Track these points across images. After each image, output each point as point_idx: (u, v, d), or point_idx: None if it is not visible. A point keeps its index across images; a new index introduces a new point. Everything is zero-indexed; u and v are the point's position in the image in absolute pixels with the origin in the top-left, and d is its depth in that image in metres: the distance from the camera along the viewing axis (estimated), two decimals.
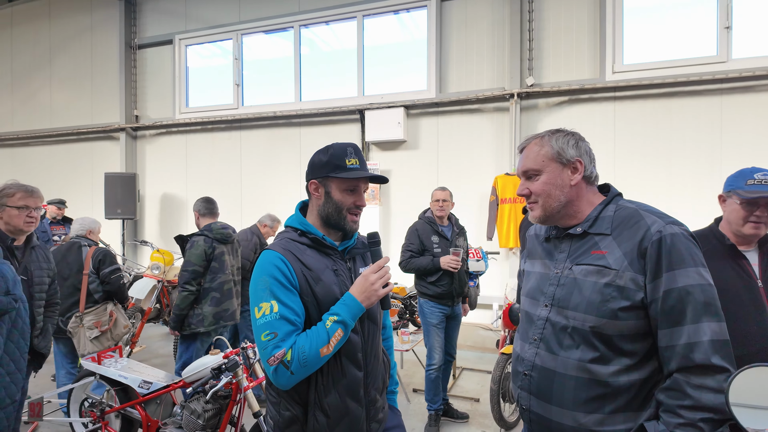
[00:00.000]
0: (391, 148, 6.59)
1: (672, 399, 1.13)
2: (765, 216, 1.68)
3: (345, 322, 1.29)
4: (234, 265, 3.71)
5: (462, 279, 3.52)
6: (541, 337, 1.34)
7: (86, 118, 8.39)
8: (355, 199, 1.41)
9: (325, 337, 1.27)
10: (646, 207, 1.30)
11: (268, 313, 1.27)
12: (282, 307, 1.28)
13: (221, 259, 3.52)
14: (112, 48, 8.12)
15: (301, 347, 1.25)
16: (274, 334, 1.26)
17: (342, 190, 1.40)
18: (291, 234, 1.43)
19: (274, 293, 1.29)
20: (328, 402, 1.32)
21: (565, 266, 1.33)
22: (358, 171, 1.39)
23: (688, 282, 1.15)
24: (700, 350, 1.11)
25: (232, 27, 7.41)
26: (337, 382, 1.34)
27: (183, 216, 7.74)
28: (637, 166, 5.44)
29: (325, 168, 1.39)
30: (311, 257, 1.38)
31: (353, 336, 1.37)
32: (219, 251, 3.52)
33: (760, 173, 1.70)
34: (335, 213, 1.40)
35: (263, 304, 1.28)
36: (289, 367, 1.24)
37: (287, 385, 1.27)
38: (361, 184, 1.42)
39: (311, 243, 1.40)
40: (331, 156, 1.39)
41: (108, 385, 3.05)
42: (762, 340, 1.60)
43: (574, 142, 1.35)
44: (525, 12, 5.83)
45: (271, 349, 1.25)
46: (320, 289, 1.34)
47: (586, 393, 1.22)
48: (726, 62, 5.12)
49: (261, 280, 1.32)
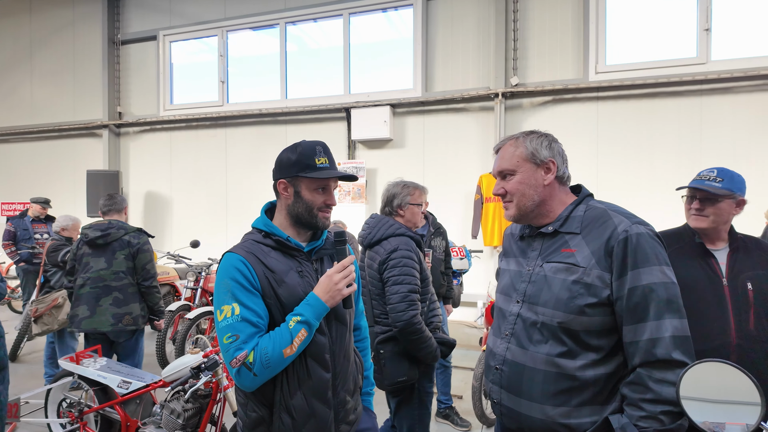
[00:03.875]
0: (378, 146, 6.60)
1: (635, 393, 1.17)
2: (703, 209, 1.76)
3: (309, 322, 1.29)
4: (104, 268, 3.32)
5: (436, 279, 3.47)
6: (512, 332, 1.36)
7: (68, 114, 8.26)
8: (325, 198, 1.40)
9: (288, 337, 1.26)
10: (614, 207, 1.33)
11: (229, 315, 1.27)
12: (243, 309, 1.28)
13: (83, 260, 3.35)
14: (94, 43, 7.99)
15: (263, 348, 1.25)
16: (235, 337, 1.26)
17: (312, 189, 1.39)
18: (255, 236, 1.43)
19: (236, 296, 1.29)
20: (294, 403, 1.32)
21: (537, 264, 1.37)
22: (328, 170, 1.38)
23: (651, 280, 1.18)
24: (661, 346, 1.15)
25: (217, 23, 7.35)
26: (303, 383, 1.34)
27: (167, 214, 7.67)
28: (619, 165, 5.52)
29: (294, 167, 1.38)
30: (275, 259, 1.37)
31: (320, 337, 1.36)
32: (82, 251, 3.37)
33: (705, 170, 1.81)
34: (306, 212, 1.40)
35: (225, 307, 1.29)
36: (251, 368, 1.24)
37: (251, 387, 1.28)
38: (331, 183, 1.42)
39: (275, 245, 1.39)
40: (299, 155, 1.38)
41: (87, 385, 3.02)
42: (723, 336, 1.65)
43: (547, 143, 1.38)
44: (510, 12, 5.87)
45: (233, 351, 1.25)
46: (283, 291, 1.34)
47: (554, 386, 1.26)
48: (705, 63, 5.21)
49: (222, 283, 1.32)
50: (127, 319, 3.28)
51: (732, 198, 1.74)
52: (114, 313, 3.25)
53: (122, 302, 3.28)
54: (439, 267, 3.52)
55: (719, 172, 1.77)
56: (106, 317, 3.24)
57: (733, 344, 1.65)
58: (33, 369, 4.79)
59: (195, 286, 5.18)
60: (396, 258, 2.21)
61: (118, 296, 3.28)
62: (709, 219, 1.75)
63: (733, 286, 1.70)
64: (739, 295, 1.68)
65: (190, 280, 5.20)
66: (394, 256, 2.22)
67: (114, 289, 3.28)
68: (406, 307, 2.13)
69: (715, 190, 1.73)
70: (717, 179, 1.76)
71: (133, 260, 3.34)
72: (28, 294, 5.91)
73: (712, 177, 1.77)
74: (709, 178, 1.78)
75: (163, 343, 4.58)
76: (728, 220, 1.77)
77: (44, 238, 6.11)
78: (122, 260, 3.30)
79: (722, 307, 1.68)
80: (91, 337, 3.35)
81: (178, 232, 7.53)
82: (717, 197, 1.73)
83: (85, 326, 3.25)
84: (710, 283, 1.71)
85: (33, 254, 5.82)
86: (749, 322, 1.66)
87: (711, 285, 1.71)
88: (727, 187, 1.73)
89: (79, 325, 3.27)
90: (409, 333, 2.15)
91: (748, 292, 1.68)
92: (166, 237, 7.63)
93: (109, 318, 3.24)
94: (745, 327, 1.66)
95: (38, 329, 3.90)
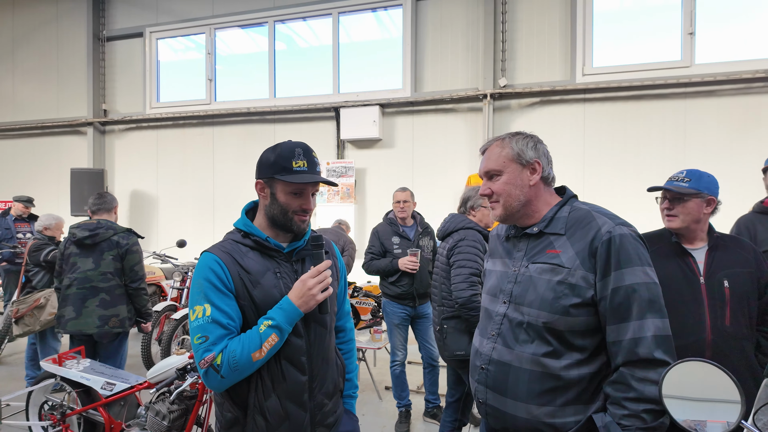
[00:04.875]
0: (367, 146, 6.60)
1: (618, 392, 1.19)
2: (672, 208, 1.83)
3: (280, 327, 1.27)
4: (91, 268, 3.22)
5: (424, 279, 3.48)
6: (498, 332, 1.37)
7: (52, 111, 8.11)
8: (301, 202, 1.37)
9: (258, 341, 1.25)
10: (598, 209, 1.35)
11: (201, 316, 1.26)
12: (215, 310, 1.27)
13: (70, 260, 3.28)
14: (79, 40, 7.86)
15: (232, 351, 1.24)
16: (205, 338, 1.25)
17: (287, 192, 1.36)
18: (235, 235, 1.41)
19: (208, 296, 1.28)
20: (268, 406, 1.31)
21: (522, 264, 1.38)
22: (304, 175, 1.35)
23: (634, 280, 1.20)
24: (644, 345, 1.17)
25: (204, 21, 7.28)
26: (278, 385, 1.33)
27: (153, 213, 7.57)
28: (605, 166, 5.59)
29: (271, 169, 1.35)
30: (252, 260, 1.36)
31: (296, 340, 1.35)
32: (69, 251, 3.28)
33: (677, 172, 1.88)
34: (281, 215, 1.37)
35: (197, 308, 1.28)
36: (219, 371, 1.23)
37: (219, 389, 1.27)
38: (308, 187, 1.38)
39: (254, 245, 1.38)
40: (277, 156, 1.35)
41: (69, 387, 2.97)
42: (698, 331, 1.70)
43: (533, 144, 1.39)
44: (498, 13, 5.91)
45: (202, 353, 1.24)
46: (258, 292, 1.32)
47: (539, 386, 1.27)
48: (690, 67, 5.30)
49: (196, 283, 1.31)
50: (113, 321, 3.22)
51: (699, 197, 1.78)
52: (100, 314, 3.19)
53: (109, 304, 3.22)
54: (426, 267, 3.52)
55: (688, 173, 1.83)
56: (93, 319, 3.18)
57: (708, 341, 1.69)
58: (14, 371, 4.70)
59: (181, 286, 5.12)
60: (462, 245, 2.57)
61: (105, 298, 3.21)
62: (678, 219, 1.81)
63: (710, 284, 1.74)
64: (715, 293, 1.72)
65: (177, 280, 5.14)
66: (461, 244, 2.58)
67: (101, 291, 3.21)
68: (467, 286, 2.46)
69: (681, 189, 1.79)
70: (685, 179, 1.82)
71: (122, 261, 3.28)
72: (10, 294, 5.79)
73: (681, 177, 1.83)
74: (678, 179, 1.84)
75: (149, 343, 4.53)
76: (700, 220, 1.81)
77: (27, 237, 5.99)
78: (110, 261, 3.24)
79: (698, 304, 1.72)
80: (75, 339, 3.30)
81: (164, 232, 7.44)
82: (683, 196, 1.78)
83: (71, 327, 3.19)
84: (687, 281, 1.75)
85: (15, 254, 5.70)
86: (725, 319, 1.70)
87: (688, 283, 1.75)
88: (694, 187, 1.79)
89: (65, 327, 3.21)
90: (468, 309, 2.46)
91: (725, 289, 1.72)
92: (153, 236, 7.54)
93: (96, 320, 3.18)
94: (721, 324, 1.70)
95: (19, 330, 3.81)
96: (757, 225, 2.28)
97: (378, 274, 3.56)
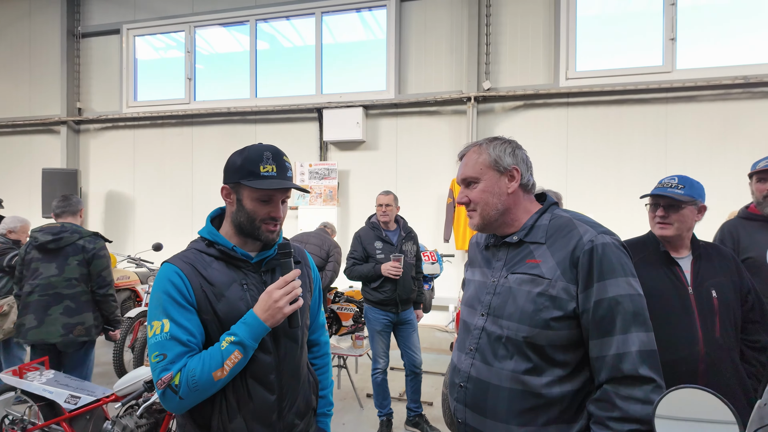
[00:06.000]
0: (350, 148, 6.51)
1: (602, 410, 1.13)
2: (667, 216, 1.76)
3: (243, 344, 1.19)
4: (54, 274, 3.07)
5: (407, 285, 3.42)
6: (477, 347, 1.31)
7: (24, 109, 7.84)
8: (269, 210, 1.28)
9: (219, 359, 1.17)
10: (579, 216, 1.29)
11: (158, 332, 1.17)
12: (174, 326, 1.18)
13: (32, 266, 3.12)
14: (52, 36, 7.62)
15: (191, 370, 1.15)
16: (163, 356, 1.16)
17: (254, 199, 1.27)
18: (198, 244, 1.32)
19: (167, 311, 1.19)
20: (233, 428, 1.23)
21: (501, 275, 1.31)
22: (272, 180, 1.25)
23: (618, 292, 1.15)
24: (628, 361, 1.11)
25: (184, 18, 7.11)
26: (243, 406, 1.24)
27: (130, 215, 7.36)
28: (588, 170, 5.60)
29: (237, 173, 1.26)
30: (217, 270, 1.27)
31: (263, 356, 1.26)
32: (30, 256, 3.13)
33: (666, 178, 1.82)
34: (248, 223, 1.28)
35: (155, 323, 1.19)
36: (177, 391, 1.14)
37: (178, 411, 1.18)
38: (277, 194, 1.29)
39: (219, 254, 1.29)
40: (244, 160, 1.26)
41: (31, 400, 2.82)
42: (690, 345, 1.64)
43: (510, 150, 1.33)
44: (482, 16, 5.90)
45: (159, 372, 1.16)
46: (223, 306, 1.24)
47: (519, 405, 1.20)
48: (671, 72, 5.35)
49: (155, 296, 1.22)
50: (79, 329, 3.07)
51: (694, 204, 1.74)
52: (65, 323, 3.03)
53: (74, 311, 3.07)
54: (410, 272, 3.46)
55: (680, 179, 1.78)
56: (56, 327, 3.02)
57: (701, 353, 1.63)
58: None
59: None
60: None
61: (70, 305, 3.06)
62: (673, 227, 1.75)
63: (699, 294, 1.69)
64: (704, 303, 1.68)
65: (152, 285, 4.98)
66: None
67: (65, 297, 3.06)
68: None
69: (678, 196, 1.73)
70: (679, 186, 1.76)
71: (88, 267, 3.14)
72: None
73: (674, 184, 1.77)
74: (671, 185, 1.77)
75: (121, 351, 4.36)
76: (691, 227, 1.77)
77: None
78: (75, 266, 3.09)
79: (689, 315, 1.67)
80: (38, 348, 3.13)
81: (140, 235, 7.24)
82: (680, 204, 1.73)
83: (32, 337, 3.03)
84: (676, 291, 1.70)
85: None
86: (715, 330, 1.66)
87: (677, 294, 1.70)
88: (689, 194, 1.74)
89: (25, 336, 3.05)
90: None
91: (713, 299, 1.68)
92: (128, 239, 7.33)
93: (59, 328, 3.02)
94: (712, 335, 1.65)
95: None
96: (741, 231, 2.25)
97: (360, 279, 3.47)
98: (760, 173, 2.24)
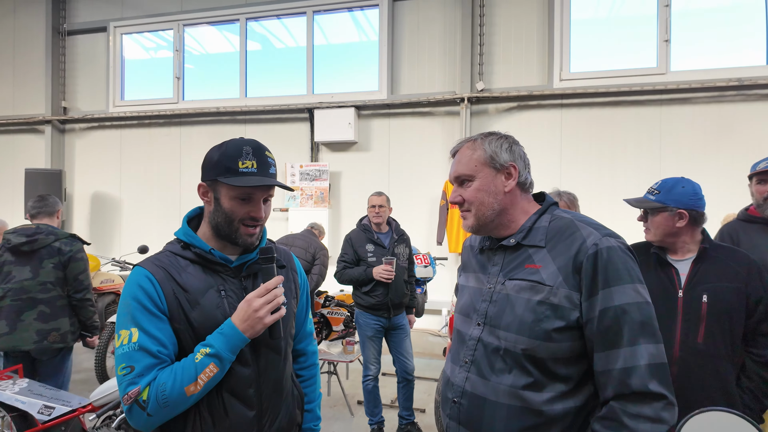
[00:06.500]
0: (342, 149, 6.41)
1: (608, 429, 1.03)
2: (647, 221, 1.77)
3: (219, 356, 1.09)
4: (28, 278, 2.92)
5: (399, 289, 3.32)
6: (472, 359, 1.21)
7: (7, 108, 7.65)
8: (248, 209, 1.18)
9: (193, 373, 1.07)
10: (582, 218, 1.20)
11: (126, 342, 1.08)
12: (143, 335, 1.08)
13: (4, 269, 2.97)
14: (37, 33, 7.44)
15: (161, 384, 1.05)
16: (130, 368, 1.06)
17: (232, 198, 1.17)
18: (174, 246, 1.22)
19: (136, 319, 1.09)
20: None
21: (498, 281, 1.22)
22: (251, 177, 1.15)
23: (624, 300, 1.06)
24: (636, 375, 1.02)
25: (173, 16, 6.98)
26: (219, 422, 1.14)
27: (116, 217, 7.20)
28: (582, 172, 5.55)
29: (215, 169, 1.17)
30: (192, 275, 1.17)
31: (242, 369, 1.16)
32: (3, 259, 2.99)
33: (656, 182, 1.81)
34: (225, 224, 1.18)
35: (123, 332, 1.09)
36: (145, 407, 1.04)
37: (145, 429, 1.08)
38: (257, 192, 1.18)
39: (195, 258, 1.19)
40: (222, 155, 1.17)
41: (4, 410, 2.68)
42: (668, 348, 1.60)
43: (507, 146, 1.23)
44: (476, 17, 5.84)
45: (126, 386, 1.06)
46: (197, 314, 1.14)
47: (518, 423, 1.11)
48: (665, 74, 5.32)
49: (123, 303, 1.12)
50: (53, 336, 2.93)
51: (666, 211, 1.69)
52: (39, 329, 2.89)
53: (49, 317, 2.93)
54: (402, 276, 3.36)
55: (661, 183, 1.75)
56: (29, 334, 2.88)
57: (675, 357, 1.62)
58: None
59: None
60: None
61: (45, 310, 2.91)
62: (651, 232, 1.76)
63: (688, 298, 1.65)
64: (691, 308, 1.64)
65: None
66: None
67: (40, 302, 2.91)
68: None
69: (645, 204, 1.74)
70: (654, 191, 1.75)
71: (64, 270, 2.99)
72: None
73: (652, 189, 1.77)
74: (651, 191, 1.77)
75: (104, 357, 4.22)
76: (675, 233, 1.71)
77: None
78: (51, 270, 2.94)
79: (671, 319, 1.65)
80: (11, 356, 2.99)
81: (127, 237, 7.08)
82: (655, 210, 1.73)
83: (4, 344, 2.88)
84: (665, 294, 1.67)
85: None
86: (698, 335, 1.62)
87: (665, 296, 1.67)
88: (660, 200, 1.71)
89: None
90: None
91: (702, 304, 1.63)
92: (115, 242, 7.16)
93: (33, 335, 2.88)
94: (693, 340, 1.62)
95: None
96: (740, 233, 2.19)
97: (351, 283, 3.37)
98: (760, 174, 2.17)
